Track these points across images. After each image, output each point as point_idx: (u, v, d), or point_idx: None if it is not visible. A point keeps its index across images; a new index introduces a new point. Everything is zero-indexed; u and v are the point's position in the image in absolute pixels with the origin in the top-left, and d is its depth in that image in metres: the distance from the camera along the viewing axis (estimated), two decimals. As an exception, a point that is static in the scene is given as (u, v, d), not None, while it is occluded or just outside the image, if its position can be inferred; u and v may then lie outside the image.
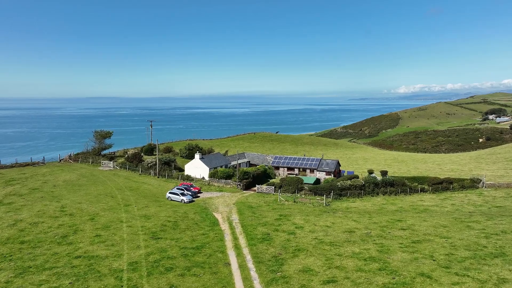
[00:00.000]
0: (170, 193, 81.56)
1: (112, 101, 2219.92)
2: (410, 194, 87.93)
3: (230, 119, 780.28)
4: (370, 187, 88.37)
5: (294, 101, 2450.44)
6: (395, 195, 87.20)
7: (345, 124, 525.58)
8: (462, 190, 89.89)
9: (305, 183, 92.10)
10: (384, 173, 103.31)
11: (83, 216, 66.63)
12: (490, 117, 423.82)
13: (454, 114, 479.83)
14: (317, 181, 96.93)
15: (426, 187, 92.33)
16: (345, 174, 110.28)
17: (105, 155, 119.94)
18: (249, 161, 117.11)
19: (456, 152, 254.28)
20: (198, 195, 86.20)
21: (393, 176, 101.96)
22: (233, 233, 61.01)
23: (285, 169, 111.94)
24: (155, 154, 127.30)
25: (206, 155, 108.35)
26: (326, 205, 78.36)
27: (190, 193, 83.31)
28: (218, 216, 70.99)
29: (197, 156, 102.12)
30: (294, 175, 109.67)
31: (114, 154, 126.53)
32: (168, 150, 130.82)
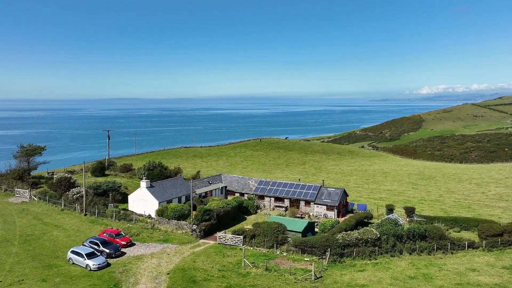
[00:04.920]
0: (72, 252, 52.09)
1: (133, 102, 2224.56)
2: (451, 253, 56.54)
3: (248, 120, 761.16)
4: (390, 241, 56.78)
5: (313, 102, 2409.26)
6: (429, 254, 55.90)
7: (365, 126, 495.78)
8: (534, 247, 57.56)
9: (289, 231, 60.81)
10: (410, 211, 71.53)
11: None
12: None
13: (482, 116, 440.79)
14: (309, 226, 64.60)
15: (476, 239, 60.52)
16: (354, 208, 79.27)
17: (34, 177, 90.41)
18: (225, 187, 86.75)
19: (489, 161, 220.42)
20: (124, 250, 56.67)
21: (424, 217, 70.49)
22: None
23: (272, 199, 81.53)
24: (108, 175, 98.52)
25: (159, 181, 77.52)
26: (316, 278, 47.98)
27: (108, 250, 53.95)
28: (126, 305, 41.61)
29: (143, 184, 72.03)
30: (283, 209, 79.29)
31: (52, 175, 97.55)
32: (127, 168, 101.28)
